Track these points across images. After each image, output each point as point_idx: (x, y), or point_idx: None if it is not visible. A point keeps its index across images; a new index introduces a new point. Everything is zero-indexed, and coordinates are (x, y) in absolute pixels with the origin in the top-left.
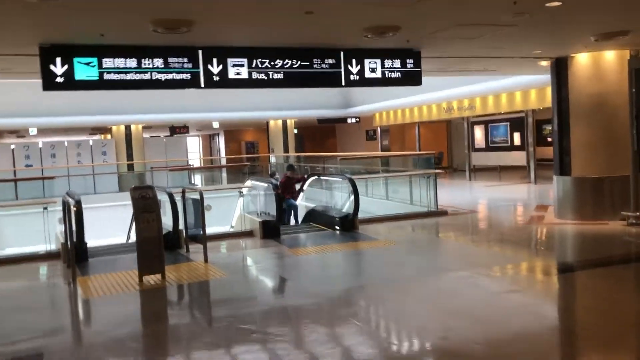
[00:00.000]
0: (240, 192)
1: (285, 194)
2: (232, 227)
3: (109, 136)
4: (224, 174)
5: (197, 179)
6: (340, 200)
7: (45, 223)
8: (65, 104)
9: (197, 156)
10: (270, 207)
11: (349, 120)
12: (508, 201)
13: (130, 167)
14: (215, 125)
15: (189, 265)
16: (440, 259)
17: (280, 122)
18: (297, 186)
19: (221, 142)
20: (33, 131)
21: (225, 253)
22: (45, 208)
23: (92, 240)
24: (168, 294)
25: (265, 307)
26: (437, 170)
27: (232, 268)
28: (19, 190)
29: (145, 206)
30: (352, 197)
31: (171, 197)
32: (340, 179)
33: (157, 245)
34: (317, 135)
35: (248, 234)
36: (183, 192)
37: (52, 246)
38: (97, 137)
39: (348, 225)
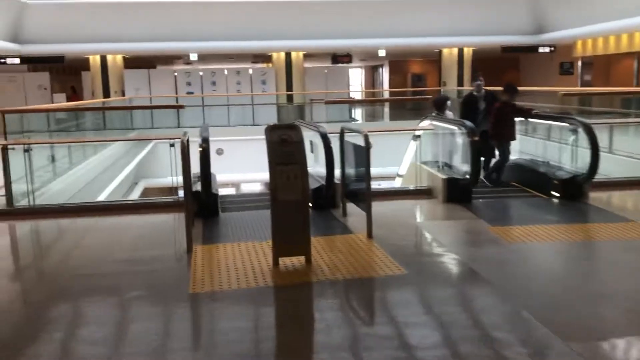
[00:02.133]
0: (416, 136)
1: (497, 135)
2: (398, 175)
3: (269, 65)
4: (386, 109)
5: (358, 114)
6: (557, 153)
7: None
8: (226, 28)
9: (359, 89)
10: (460, 159)
11: (540, 50)
12: None
13: (290, 98)
14: (382, 53)
15: (347, 242)
16: None
17: (455, 51)
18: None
19: (385, 74)
20: (194, 56)
21: (395, 223)
22: (172, 145)
23: (247, 174)
24: (316, 299)
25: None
26: None
27: (409, 255)
28: (158, 119)
29: (285, 155)
30: (589, 151)
31: (325, 139)
32: (569, 125)
33: (300, 215)
34: (494, 69)
35: (424, 192)
36: (341, 134)
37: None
38: (258, 65)
39: (574, 191)
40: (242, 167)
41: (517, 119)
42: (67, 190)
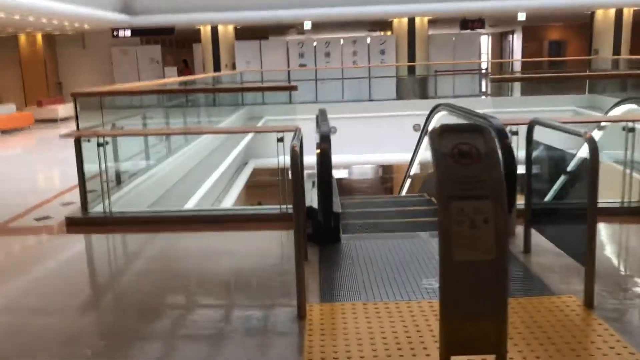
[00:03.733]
0: (601, 127)
1: None
2: None
3: (389, 33)
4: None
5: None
6: None
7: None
8: None
9: (484, 60)
10: None
11: None
12: None
13: (411, 70)
14: (521, 17)
15: (547, 313)
16: None
17: (611, 12)
18: None
19: (516, 42)
20: (307, 25)
21: (613, 271)
22: (281, 139)
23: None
24: None
25: None
26: None
27: None
28: (269, 94)
29: (467, 181)
30: None
31: (503, 138)
32: None
33: (492, 286)
34: None
35: (631, 211)
36: (530, 130)
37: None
38: (376, 33)
39: None
40: (357, 148)
41: None
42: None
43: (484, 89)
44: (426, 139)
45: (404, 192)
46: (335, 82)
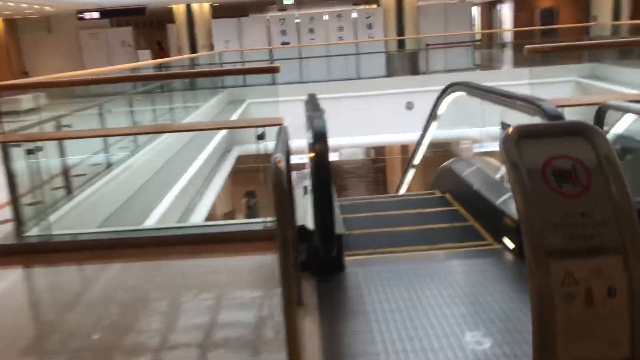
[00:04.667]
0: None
1: None
2: None
3: (374, 6)
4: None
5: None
6: None
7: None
8: None
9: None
10: None
11: None
12: None
13: (401, 44)
14: None
15: None
16: None
17: None
18: None
19: (506, 11)
20: (288, 0)
21: None
22: (262, 136)
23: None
24: None
25: None
26: None
27: None
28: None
29: (576, 224)
30: None
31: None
32: None
33: None
34: None
35: None
36: (599, 116)
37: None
38: (362, 7)
39: None
40: (346, 130)
41: None
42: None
43: (477, 62)
44: (434, 125)
45: (405, 184)
46: (321, 60)
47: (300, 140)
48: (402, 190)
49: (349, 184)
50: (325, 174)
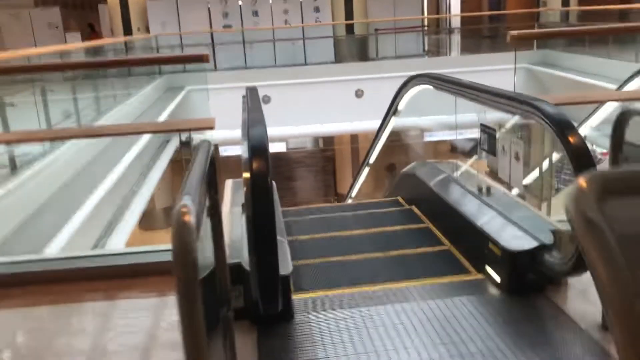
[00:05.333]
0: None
1: None
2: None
3: None
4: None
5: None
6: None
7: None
8: None
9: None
10: None
11: None
12: None
13: (350, 29)
14: None
15: None
16: None
17: None
18: None
19: None
20: None
21: None
22: (187, 143)
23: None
24: None
25: None
26: None
27: None
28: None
29: None
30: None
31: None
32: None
33: None
34: None
35: None
36: (619, 123)
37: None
38: None
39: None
40: (293, 118)
41: None
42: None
43: (427, 48)
44: (394, 120)
45: (358, 184)
46: (266, 45)
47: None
48: (356, 190)
49: (296, 175)
50: (266, 203)
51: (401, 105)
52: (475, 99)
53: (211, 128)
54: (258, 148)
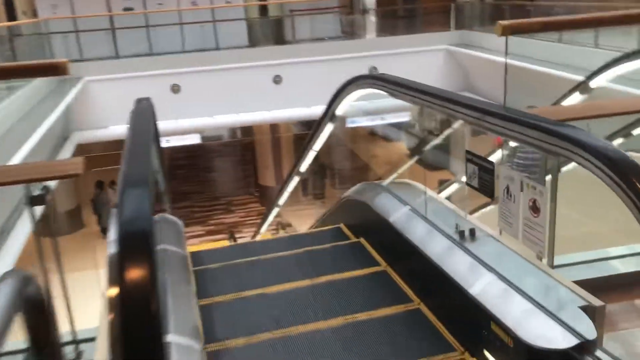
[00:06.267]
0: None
1: None
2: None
3: None
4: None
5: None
6: None
7: None
8: None
9: None
10: None
11: None
12: None
13: (263, 10)
14: None
15: None
16: None
17: None
18: None
19: None
20: None
21: None
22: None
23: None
24: None
25: None
26: None
27: None
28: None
29: None
30: None
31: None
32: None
33: None
34: None
35: None
36: None
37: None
38: None
39: None
40: (207, 109)
41: None
42: None
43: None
44: (329, 128)
45: (285, 195)
46: (173, 29)
47: None
48: (283, 200)
49: (214, 166)
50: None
51: (339, 111)
52: (460, 116)
53: (76, 175)
54: (135, 248)
